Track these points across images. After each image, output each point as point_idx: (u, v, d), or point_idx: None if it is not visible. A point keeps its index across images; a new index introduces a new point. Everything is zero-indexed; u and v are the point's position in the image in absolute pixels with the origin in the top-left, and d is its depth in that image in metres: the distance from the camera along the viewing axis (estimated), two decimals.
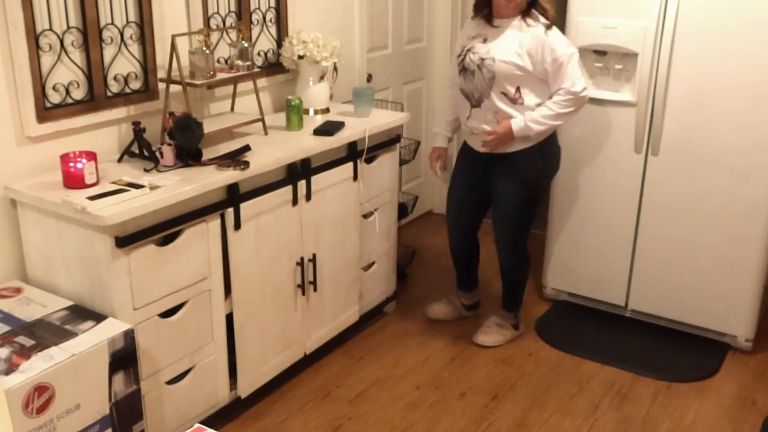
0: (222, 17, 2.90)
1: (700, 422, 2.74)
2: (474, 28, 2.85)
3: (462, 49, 2.84)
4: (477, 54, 2.78)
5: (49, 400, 1.90)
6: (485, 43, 2.77)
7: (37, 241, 2.30)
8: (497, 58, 2.74)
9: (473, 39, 2.82)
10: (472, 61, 2.80)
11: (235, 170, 2.43)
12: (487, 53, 2.75)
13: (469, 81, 2.83)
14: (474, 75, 2.79)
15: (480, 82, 2.79)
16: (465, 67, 2.82)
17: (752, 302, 3.10)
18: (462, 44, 2.86)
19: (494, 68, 2.74)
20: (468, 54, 2.81)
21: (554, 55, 2.71)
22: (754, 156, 2.92)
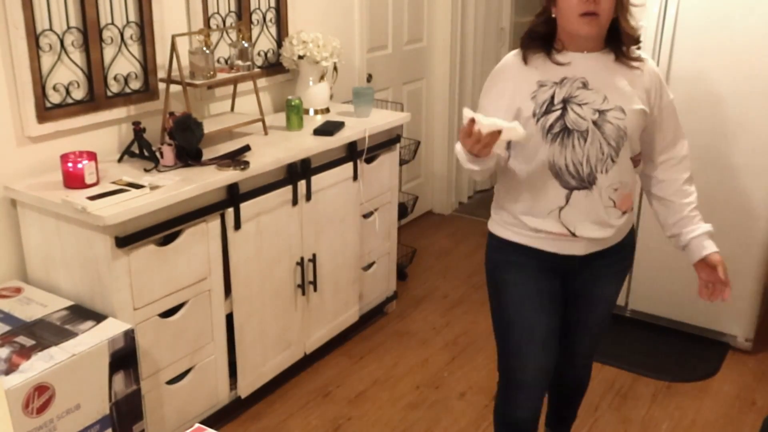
0: (222, 17, 2.90)
1: (700, 422, 2.74)
2: (532, 72, 1.90)
3: (543, 103, 1.87)
4: (588, 105, 1.85)
5: (49, 400, 1.90)
6: (589, 88, 1.86)
7: (37, 241, 2.30)
8: (627, 107, 1.87)
9: (556, 86, 1.87)
10: (581, 118, 1.85)
11: (235, 170, 2.43)
12: (606, 102, 1.86)
13: (574, 149, 1.87)
14: (587, 139, 1.86)
15: (597, 148, 1.87)
16: (567, 129, 1.86)
17: (752, 302, 3.10)
18: (529, 95, 1.89)
19: (626, 123, 1.87)
20: (570, 108, 1.86)
21: (669, 97, 2.00)
22: (755, 156, 2.92)
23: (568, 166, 1.89)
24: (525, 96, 1.89)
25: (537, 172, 1.92)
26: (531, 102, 1.87)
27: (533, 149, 1.90)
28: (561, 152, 1.88)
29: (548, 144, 1.87)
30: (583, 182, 1.90)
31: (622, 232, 2.02)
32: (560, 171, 1.89)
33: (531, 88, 1.89)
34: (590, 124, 1.86)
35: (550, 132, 1.87)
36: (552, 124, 1.86)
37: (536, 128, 1.87)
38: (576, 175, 1.90)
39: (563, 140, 1.87)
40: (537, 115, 1.87)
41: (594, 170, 1.89)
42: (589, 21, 1.80)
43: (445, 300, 3.65)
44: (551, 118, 1.86)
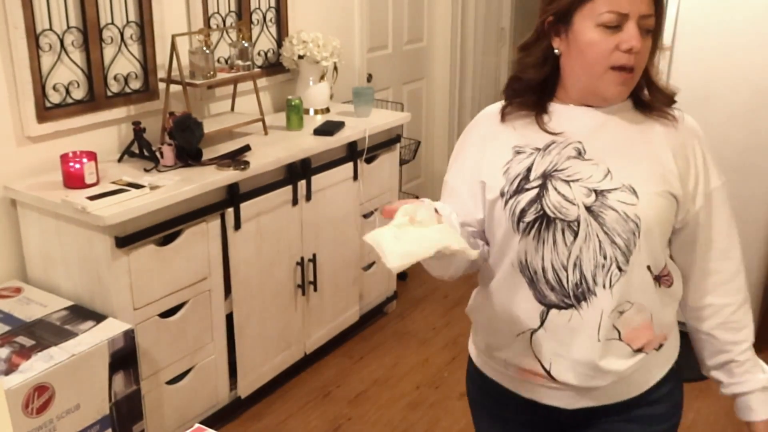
0: (222, 17, 2.90)
1: (700, 422, 2.74)
2: (507, 132, 1.35)
3: (516, 178, 1.31)
4: (580, 183, 1.27)
5: (49, 400, 1.89)
6: (585, 158, 1.28)
7: (37, 241, 2.30)
8: (642, 187, 1.26)
9: (537, 153, 1.31)
10: (568, 201, 1.27)
11: (235, 170, 2.43)
12: (609, 179, 1.26)
13: (556, 247, 1.28)
14: (576, 232, 1.26)
15: (594, 248, 1.26)
16: (546, 217, 1.28)
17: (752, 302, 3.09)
18: (500, 166, 1.33)
19: (638, 211, 1.24)
20: (551, 186, 1.28)
21: (718, 180, 1.35)
22: (755, 156, 2.92)
23: (546, 270, 1.28)
24: (495, 167, 1.32)
25: (506, 275, 1.33)
26: (502, 177, 1.31)
27: (503, 242, 1.32)
28: (537, 249, 1.28)
29: (519, 236, 1.29)
30: (566, 298, 1.27)
31: (636, 381, 1.34)
32: (535, 275, 1.29)
33: (504, 156, 1.32)
34: (582, 211, 1.24)
35: (521, 220, 1.27)
36: (524, 209, 1.27)
37: (504, 214, 1.30)
38: (557, 285, 1.28)
39: (540, 232, 1.27)
40: (506, 194, 1.29)
41: (588, 281, 1.26)
42: (624, 80, 1.24)
43: (445, 300, 3.64)
44: (523, 200, 1.27)
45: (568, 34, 1.27)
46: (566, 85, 1.32)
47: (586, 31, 1.24)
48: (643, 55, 1.25)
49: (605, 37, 1.23)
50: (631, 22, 1.22)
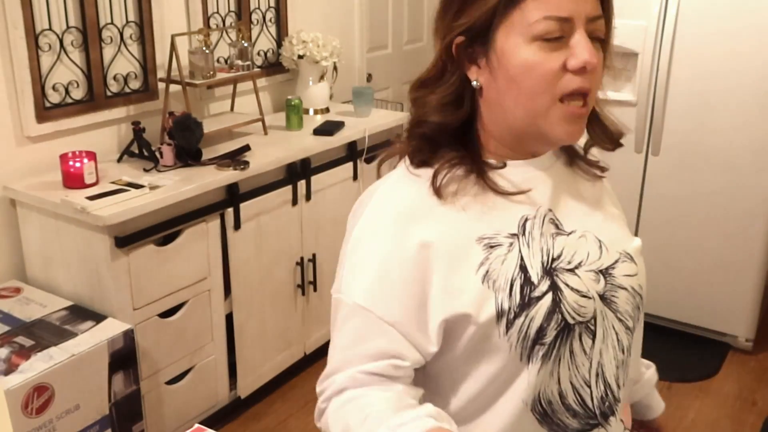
0: (222, 17, 2.90)
1: (700, 422, 2.74)
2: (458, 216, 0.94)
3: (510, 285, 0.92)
4: (584, 268, 0.97)
5: (48, 401, 1.89)
6: (566, 231, 0.99)
7: (37, 241, 2.30)
8: (633, 252, 1.04)
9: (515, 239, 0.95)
10: (584, 296, 0.95)
11: (235, 170, 2.43)
12: (606, 252, 1.00)
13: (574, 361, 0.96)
14: (595, 333, 0.97)
15: (613, 344, 1.00)
16: (567, 328, 0.94)
17: (752, 302, 3.10)
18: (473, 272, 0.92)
19: (640, 283, 1.03)
20: (561, 282, 0.94)
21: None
22: (755, 156, 2.92)
23: (565, 396, 0.97)
24: (463, 279, 0.91)
25: (509, 422, 0.96)
26: (484, 288, 0.91)
27: (498, 379, 0.95)
28: (552, 374, 0.95)
29: (535, 367, 0.93)
30: (591, 419, 0.99)
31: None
32: (550, 407, 0.97)
33: (470, 257, 0.92)
34: (598, 304, 0.97)
35: (538, 343, 0.92)
36: (541, 326, 0.92)
37: (502, 341, 0.92)
38: (580, 408, 0.98)
39: (558, 351, 0.94)
40: (507, 313, 0.91)
41: (613, 390, 1.01)
42: (579, 114, 0.93)
43: None
44: (538, 314, 0.92)
45: (490, 58, 0.92)
46: (493, 132, 0.96)
47: (517, 49, 0.90)
48: (599, 74, 0.94)
49: (546, 54, 0.89)
50: (579, 28, 0.89)
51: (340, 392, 0.94)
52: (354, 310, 0.93)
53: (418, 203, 0.93)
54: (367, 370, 0.92)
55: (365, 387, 0.92)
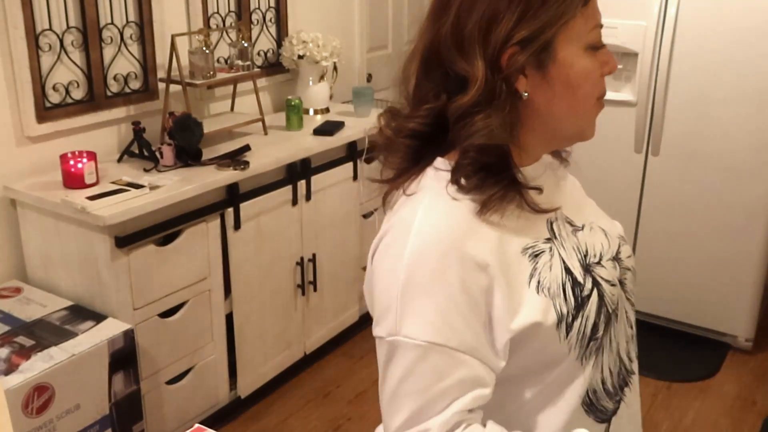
0: (222, 17, 2.90)
1: (700, 422, 2.74)
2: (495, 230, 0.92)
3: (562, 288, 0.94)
4: (605, 259, 1.02)
5: (48, 400, 1.89)
6: (578, 226, 1.03)
7: (37, 241, 2.30)
8: (622, 233, 1.12)
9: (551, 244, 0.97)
10: (613, 289, 1.01)
11: (235, 170, 2.43)
12: (609, 240, 1.06)
13: (610, 347, 1.02)
14: (618, 317, 1.03)
15: (622, 325, 1.05)
16: (609, 320, 1.00)
17: (752, 302, 3.10)
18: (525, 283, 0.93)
19: (633, 261, 1.11)
20: (598, 277, 0.99)
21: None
22: (755, 156, 2.92)
23: (605, 380, 1.01)
24: (519, 293, 0.92)
25: (566, 421, 0.98)
26: (539, 298, 0.92)
27: (558, 383, 0.97)
28: (597, 366, 0.99)
29: (590, 362, 0.97)
30: (617, 394, 1.04)
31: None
32: (595, 396, 1.00)
33: (521, 269, 0.93)
34: (619, 289, 1.03)
35: (593, 339, 0.96)
36: (595, 323, 0.96)
37: (563, 346, 0.94)
38: (612, 389, 1.03)
39: (602, 342, 0.99)
40: (565, 317, 0.93)
41: (625, 362, 1.06)
42: (601, 108, 0.99)
43: None
44: (591, 312, 0.96)
45: (547, 67, 0.91)
46: (525, 142, 0.96)
47: (576, 58, 0.91)
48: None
49: (594, 61, 0.93)
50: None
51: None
52: (427, 350, 0.88)
53: (465, 228, 0.90)
54: (459, 409, 0.88)
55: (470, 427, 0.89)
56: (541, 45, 0.89)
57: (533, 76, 0.91)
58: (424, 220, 0.91)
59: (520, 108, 0.92)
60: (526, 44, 0.88)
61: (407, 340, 0.88)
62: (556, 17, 0.88)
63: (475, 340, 0.88)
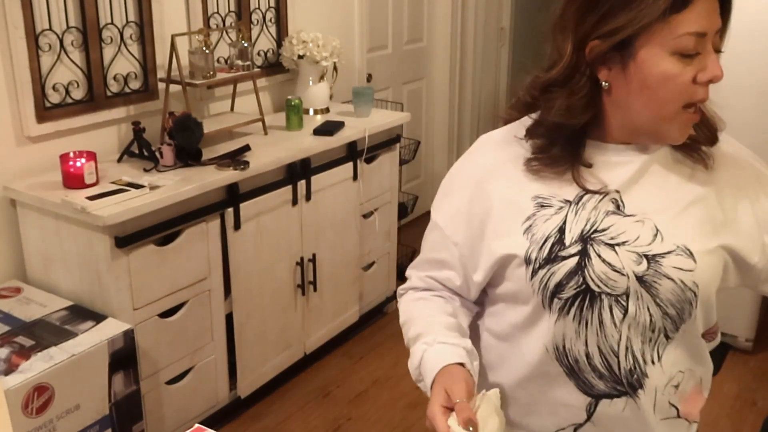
0: (222, 17, 2.90)
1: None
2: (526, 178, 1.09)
3: (545, 241, 1.05)
4: (627, 246, 1.03)
5: (48, 401, 1.89)
6: (626, 214, 1.05)
7: (37, 241, 2.30)
8: (699, 246, 1.04)
9: (569, 206, 1.06)
10: (616, 271, 1.03)
11: (235, 170, 2.43)
12: (660, 240, 1.03)
13: (603, 328, 1.06)
14: (627, 308, 1.04)
15: (645, 322, 1.05)
16: (590, 292, 1.04)
17: (752, 302, 3.10)
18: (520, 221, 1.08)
19: (696, 277, 1.03)
20: (594, 251, 1.04)
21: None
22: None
23: (591, 356, 1.06)
24: (510, 222, 1.06)
25: (536, 362, 1.09)
26: (522, 237, 1.05)
27: (528, 319, 1.08)
28: (578, 333, 1.05)
29: (553, 317, 1.05)
30: (618, 385, 1.07)
31: None
32: (577, 364, 1.07)
33: (522, 208, 1.07)
34: (633, 282, 1.02)
35: (556, 296, 1.04)
36: (560, 282, 1.03)
37: (528, 286, 1.05)
38: (606, 372, 1.07)
39: (581, 311, 1.04)
40: (533, 262, 1.04)
41: (640, 364, 1.06)
42: (693, 120, 1.02)
43: None
44: (559, 271, 1.03)
45: (627, 64, 0.98)
46: (609, 124, 1.04)
47: (656, 60, 0.96)
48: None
49: (683, 67, 0.97)
50: (710, 43, 0.98)
51: (416, 289, 1.23)
52: (435, 226, 1.18)
53: (504, 164, 1.10)
54: (434, 276, 1.20)
55: (434, 291, 1.20)
56: (619, 42, 0.97)
57: (616, 70, 1.00)
58: (477, 144, 1.18)
59: (602, 96, 1.03)
60: (606, 38, 0.97)
61: (432, 213, 1.20)
62: (634, 20, 0.95)
63: (462, 239, 1.13)
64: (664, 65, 0.96)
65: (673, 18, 0.94)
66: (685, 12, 0.94)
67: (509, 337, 1.13)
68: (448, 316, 1.15)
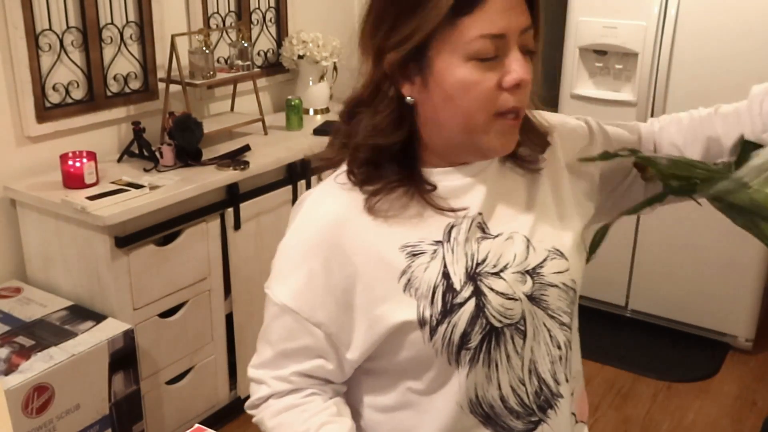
0: (222, 17, 2.90)
1: (700, 422, 2.74)
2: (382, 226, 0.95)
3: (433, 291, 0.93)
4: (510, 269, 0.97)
5: (48, 401, 1.89)
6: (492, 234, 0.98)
7: (37, 241, 2.30)
8: (563, 241, 1.02)
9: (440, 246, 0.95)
10: (509, 298, 0.96)
11: (235, 170, 2.43)
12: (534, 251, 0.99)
13: (510, 363, 0.98)
14: (525, 333, 0.97)
15: (545, 341, 1.00)
16: (494, 331, 0.95)
17: (752, 302, 3.10)
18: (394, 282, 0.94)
19: (572, 277, 1.02)
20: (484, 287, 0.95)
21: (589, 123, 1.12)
22: None
23: (506, 399, 0.98)
24: (383, 286, 0.94)
25: (446, 424, 0.98)
26: (405, 296, 0.93)
27: (431, 384, 0.98)
28: (489, 378, 0.97)
29: (464, 371, 0.95)
30: (532, 416, 1.01)
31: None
32: (492, 410, 0.99)
33: (392, 265, 0.94)
34: (526, 305, 0.97)
35: (463, 348, 0.94)
36: (465, 332, 0.93)
37: (429, 348, 0.94)
38: (520, 408, 1.00)
39: (489, 354, 0.95)
40: (429, 321, 0.93)
41: (549, 384, 1.01)
42: (513, 127, 0.94)
43: None
44: (461, 320, 0.93)
45: (425, 76, 0.91)
46: (433, 145, 0.96)
47: (453, 69, 0.89)
48: (529, 89, 0.92)
49: (483, 73, 0.89)
50: (512, 44, 0.89)
51: (278, 395, 1.02)
52: (283, 310, 0.98)
53: (346, 214, 0.95)
54: (299, 370, 0.99)
55: (303, 391, 1.00)
56: (413, 52, 0.89)
57: (418, 84, 0.92)
58: (315, 199, 1.00)
59: (412, 112, 0.94)
60: (399, 49, 0.90)
61: (272, 296, 0.99)
62: (419, 27, 0.87)
63: (326, 318, 0.96)
64: (461, 73, 0.89)
65: (461, 21, 0.87)
66: (476, 13, 0.86)
67: (409, 405, 1.00)
68: (341, 419, 0.99)
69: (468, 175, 0.98)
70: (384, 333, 0.94)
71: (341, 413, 1.00)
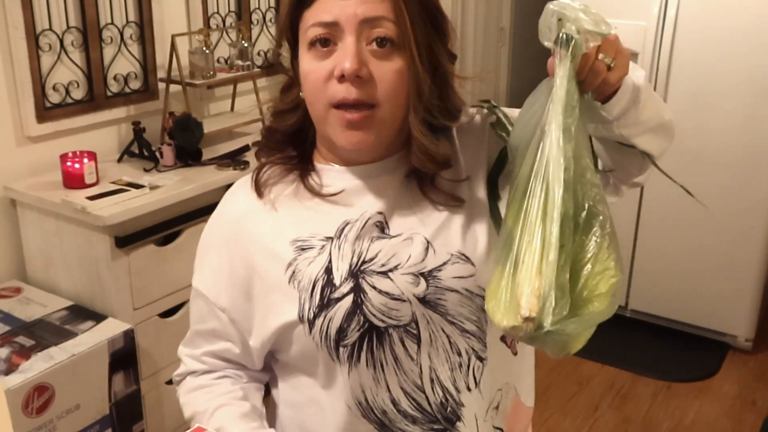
0: (222, 17, 2.90)
1: (700, 422, 2.74)
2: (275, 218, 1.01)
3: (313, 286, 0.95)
4: (400, 269, 0.95)
5: (49, 400, 1.89)
6: (391, 235, 0.96)
7: (37, 241, 2.30)
8: (473, 250, 0.96)
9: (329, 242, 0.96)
10: (395, 299, 0.94)
11: (235, 170, 2.43)
12: (434, 254, 0.95)
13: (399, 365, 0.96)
14: (419, 337, 0.95)
15: (444, 347, 0.96)
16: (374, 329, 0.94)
17: (752, 302, 3.10)
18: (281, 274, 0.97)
19: (480, 283, 0.95)
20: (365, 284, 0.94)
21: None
22: (754, 156, 2.92)
23: (398, 401, 0.96)
24: (271, 276, 0.97)
25: (340, 426, 0.99)
26: (290, 288, 0.95)
27: (323, 381, 0.99)
28: (377, 379, 0.95)
29: (345, 368, 0.95)
30: (436, 423, 0.98)
31: None
32: (386, 416, 0.97)
33: (280, 256, 0.97)
34: (416, 307, 0.94)
35: (341, 345, 0.94)
36: (341, 327, 0.93)
37: (310, 341, 0.95)
38: (418, 413, 0.97)
39: (372, 354, 0.94)
40: (307, 314, 0.94)
41: (452, 393, 0.97)
42: (349, 122, 0.91)
43: None
44: (337, 315, 0.93)
45: (297, 69, 0.97)
46: (318, 138, 1.02)
47: (301, 60, 0.94)
48: (386, 83, 0.88)
49: (317, 63, 0.90)
50: (348, 34, 0.87)
51: (194, 374, 1.08)
52: (197, 293, 1.06)
53: (251, 208, 1.01)
54: (210, 351, 1.06)
55: (215, 372, 1.06)
56: (281, 40, 0.98)
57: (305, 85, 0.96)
58: (226, 196, 1.08)
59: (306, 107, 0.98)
60: (282, 45, 0.99)
61: (193, 280, 1.08)
62: (282, 21, 0.95)
63: (230, 304, 1.01)
64: (303, 63, 0.93)
65: (304, 14, 0.92)
66: (315, 4, 0.90)
67: (311, 403, 1.00)
68: (240, 402, 1.02)
69: (359, 177, 0.98)
70: (275, 324, 0.97)
71: (247, 398, 1.04)
